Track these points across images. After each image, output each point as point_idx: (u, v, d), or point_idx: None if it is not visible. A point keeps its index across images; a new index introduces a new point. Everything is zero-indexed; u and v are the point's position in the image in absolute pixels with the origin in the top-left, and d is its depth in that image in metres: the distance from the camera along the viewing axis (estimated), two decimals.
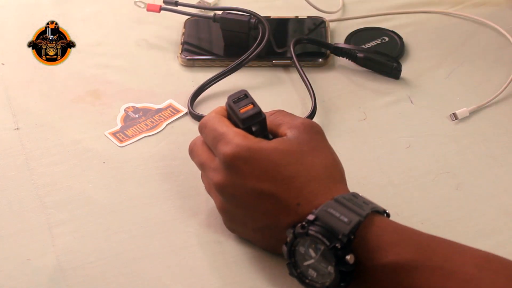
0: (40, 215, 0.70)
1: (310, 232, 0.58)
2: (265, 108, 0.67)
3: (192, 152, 0.68)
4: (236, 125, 0.65)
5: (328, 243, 0.57)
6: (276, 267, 0.64)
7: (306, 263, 0.59)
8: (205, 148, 0.66)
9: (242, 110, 0.65)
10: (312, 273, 0.59)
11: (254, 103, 0.65)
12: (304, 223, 0.58)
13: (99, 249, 0.67)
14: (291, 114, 0.67)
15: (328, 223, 0.57)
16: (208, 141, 0.66)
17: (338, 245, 0.56)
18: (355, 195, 0.60)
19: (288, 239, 0.60)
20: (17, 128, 0.79)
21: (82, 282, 0.64)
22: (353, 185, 0.64)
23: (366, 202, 0.59)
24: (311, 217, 0.58)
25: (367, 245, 0.57)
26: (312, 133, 0.64)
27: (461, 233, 0.68)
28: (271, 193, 0.61)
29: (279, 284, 0.63)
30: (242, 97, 0.65)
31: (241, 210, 0.64)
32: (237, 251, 0.66)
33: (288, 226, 0.60)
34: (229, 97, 0.66)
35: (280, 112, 0.67)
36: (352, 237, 0.57)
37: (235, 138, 0.63)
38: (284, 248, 0.60)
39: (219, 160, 0.63)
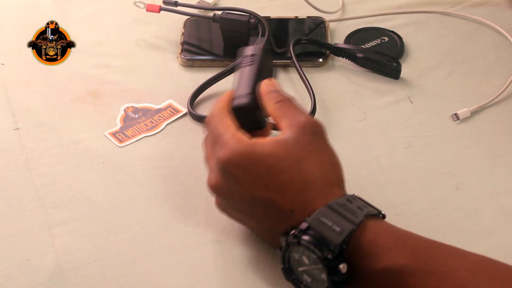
0: (40, 215, 0.70)
1: (302, 242, 0.57)
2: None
3: (209, 124, 0.66)
4: None
5: (320, 254, 0.56)
6: (276, 267, 0.64)
7: (300, 268, 0.59)
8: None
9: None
10: (306, 278, 0.59)
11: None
12: (296, 232, 0.58)
13: (99, 249, 0.67)
14: (297, 107, 0.65)
15: (320, 233, 0.57)
16: (211, 139, 0.65)
17: (329, 256, 0.56)
18: (350, 200, 0.59)
19: (282, 246, 0.60)
20: (17, 128, 0.79)
21: (82, 282, 0.64)
22: (353, 186, 0.64)
23: (360, 207, 0.59)
24: (303, 225, 0.58)
25: (361, 251, 0.57)
26: (312, 135, 0.62)
27: (461, 233, 0.68)
28: (263, 200, 0.60)
29: (279, 284, 0.63)
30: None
31: (237, 212, 0.64)
32: (237, 251, 0.66)
33: (282, 230, 0.60)
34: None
35: (287, 102, 0.65)
36: (345, 247, 0.57)
37: (230, 142, 0.61)
38: (279, 253, 0.60)
39: (216, 161, 0.63)
